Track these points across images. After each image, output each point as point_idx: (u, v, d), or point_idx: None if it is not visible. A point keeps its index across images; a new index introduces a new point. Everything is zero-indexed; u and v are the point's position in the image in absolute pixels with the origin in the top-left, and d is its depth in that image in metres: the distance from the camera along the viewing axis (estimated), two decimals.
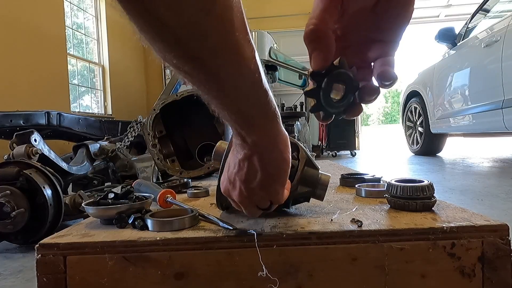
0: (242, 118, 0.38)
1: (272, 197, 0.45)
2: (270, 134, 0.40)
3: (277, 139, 0.41)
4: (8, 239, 1.29)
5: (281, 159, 0.42)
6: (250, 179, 0.43)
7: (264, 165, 0.41)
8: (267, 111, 0.38)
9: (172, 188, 0.77)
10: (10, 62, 3.77)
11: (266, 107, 0.38)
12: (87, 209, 0.57)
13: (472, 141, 6.20)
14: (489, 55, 2.98)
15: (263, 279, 0.46)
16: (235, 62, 0.34)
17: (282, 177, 0.44)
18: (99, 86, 5.91)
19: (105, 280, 0.46)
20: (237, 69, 0.34)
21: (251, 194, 0.44)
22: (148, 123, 1.38)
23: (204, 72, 0.34)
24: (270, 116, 0.39)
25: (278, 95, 6.50)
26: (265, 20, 6.77)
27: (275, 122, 0.40)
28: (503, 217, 1.45)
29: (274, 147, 0.41)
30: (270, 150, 0.41)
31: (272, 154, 0.41)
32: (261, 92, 0.37)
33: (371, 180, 0.81)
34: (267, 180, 0.43)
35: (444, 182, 2.39)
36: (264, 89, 0.37)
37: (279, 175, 0.43)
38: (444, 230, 0.46)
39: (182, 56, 0.32)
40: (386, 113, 51.25)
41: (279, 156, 0.42)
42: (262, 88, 0.37)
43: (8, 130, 2.08)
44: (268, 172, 0.42)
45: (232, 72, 0.34)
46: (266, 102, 0.38)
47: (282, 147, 0.42)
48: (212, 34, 0.31)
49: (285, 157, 0.42)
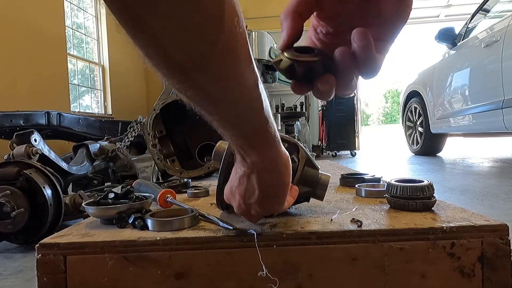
0: (242, 141, 0.39)
1: (269, 213, 0.47)
2: (269, 157, 0.41)
3: (276, 161, 0.42)
4: (8, 239, 1.29)
5: (279, 181, 0.44)
6: (248, 196, 0.45)
7: (262, 185, 0.43)
8: (267, 136, 0.39)
9: (172, 188, 0.77)
10: (10, 62, 3.77)
11: (266, 133, 0.39)
12: (87, 209, 0.57)
13: (472, 141, 6.20)
14: (489, 55, 2.98)
15: (263, 279, 0.46)
16: (237, 91, 0.34)
17: (280, 198, 0.45)
18: (99, 86, 5.91)
19: (105, 280, 0.46)
20: (238, 98, 0.35)
21: (249, 208, 0.46)
22: (148, 123, 1.38)
23: (207, 99, 0.34)
24: (270, 140, 0.40)
25: (278, 95, 6.49)
26: (265, 20, 6.77)
27: (275, 146, 0.41)
28: (503, 217, 1.45)
29: (273, 169, 0.42)
30: (269, 171, 0.42)
31: (270, 175, 0.43)
32: (261, 119, 0.38)
33: (371, 180, 0.81)
34: (264, 199, 0.44)
35: (444, 182, 2.39)
36: (265, 117, 0.38)
37: (277, 195, 0.45)
38: (444, 230, 0.46)
39: (186, 83, 0.32)
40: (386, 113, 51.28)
41: (278, 178, 0.43)
42: (263, 115, 0.37)
43: (8, 130, 2.08)
44: (265, 192, 0.44)
45: (234, 100, 0.35)
46: (266, 128, 0.39)
47: (282, 170, 0.43)
48: (217, 65, 0.31)
49: (284, 179, 0.44)
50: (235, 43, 0.31)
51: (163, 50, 0.29)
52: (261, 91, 0.36)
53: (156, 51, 0.30)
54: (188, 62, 0.30)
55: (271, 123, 0.39)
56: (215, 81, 0.32)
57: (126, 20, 0.28)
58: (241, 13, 0.31)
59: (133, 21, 0.28)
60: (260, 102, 0.37)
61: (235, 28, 0.30)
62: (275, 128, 0.40)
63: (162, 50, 0.29)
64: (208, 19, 0.28)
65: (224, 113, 0.36)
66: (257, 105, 0.36)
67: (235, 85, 0.34)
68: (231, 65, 0.32)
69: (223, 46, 0.30)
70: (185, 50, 0.29)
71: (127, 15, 0.27)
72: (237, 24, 0.30)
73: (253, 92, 0.35)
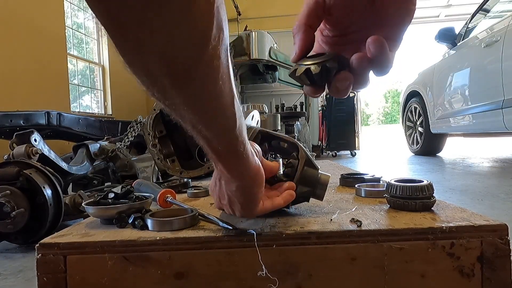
0: (211, 151, 0.40)
1: (241, 215, 0.49)
2: (235, 169, 0.42)
3: (243, 175, 0.43)
4: (8, 239, 1.29)
5: (245, 191, 0.45)
6: (222, 197, 0.49)
7: (228, 191, 0.46)
8: (235, 152, 0.40)
9: (172, 188, 0.78)
10: (10, 62, 3.77)
11: (235, 149, 0.40)
12: (87, 209, 0.58)
13: (472, 141, 6.20)
14: (489, 55, 2.98)
15: (262, 279, 0.46)
16: (212, 108, 0.35)
17: (248, 205, 0.47)
18: (99, 86, 5.91)
19: (105, 280, 0.46)
20: (212, 114, 0.35)
21: (224, 208, 0.51)
22: (148, 123, 1.38)
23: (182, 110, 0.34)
24: (238, 155, 0.41)
25: (278, 95, 6.50)
26: (265, 20, 6.77)
27: (242, 160, 0.42)
28: (503, 217, 1.45)
29: (239, 180, 0.44)
30: (234, 182, 0.44)
31: (235, 185, 0.44)
32: (232, 136, 0.38)
33: (371, 180, 0.81)
34: (233, 203, 0.47)
35: (444, 182, 2.39)
36: (236, 135, 0.38)
37: (244, 203, 0.47)
38: (443, 230, 0.46)
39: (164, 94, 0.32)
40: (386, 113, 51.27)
41: (243, 189, 0.45)
42: (234, 133, 0.38)
43: (8, 130, 2.08)
44: (232, 198, 0.46)
45: (208, 116, 0.35)
46: (235, 145, 0.39)
47: (248, 182, 0.44)
48: (198, 81, 0.31)
49: (251, 191, 0.45)
50: (218, 60, 0.31)
51: (145, 61, 0.29)
52: (236, 109, 0.37)
53: (138, 61, 0.29)
54: (170, 76, 0.30)
55: (242, 140, 0.40)
56: (194, 96, 0.32)
57: (109, 27, 0.26)
58: (227, 28, 0.31)
59: (117, 30, 0.26)
60: (233, 120, 0.37)
61: (220, 44, 0.30)
62: (245, 143, 0.41)
63: (144, 61, 0.29)
64: (195, 34, 0.28)
65: (196, 124, 0.36)
66: (230, 123, 0.37)
67: (212, 102, 0.34)
68: (211, 82, 0.32)
69: (206, 62, 0.30)
70: (168, 64, 0.29)
71: (110, 23, 0.26)
72: (222, 40, 0.30)
73: (228, 110, 0.36)
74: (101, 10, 0.25)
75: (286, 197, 0.52)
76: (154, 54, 0.28)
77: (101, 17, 0.25)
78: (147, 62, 0.29)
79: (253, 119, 1.49)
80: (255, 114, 1.51)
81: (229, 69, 0.34)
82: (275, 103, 5.72)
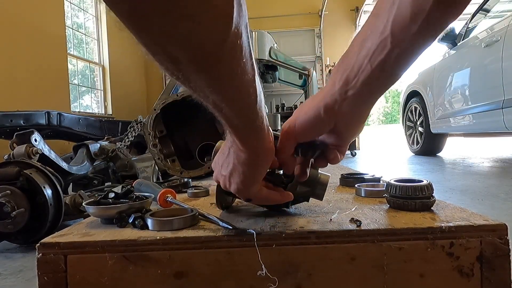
0: (230, 125, 0.40)
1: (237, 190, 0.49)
2: (249, 144, 0.43)
3: (256, 148, 0.43)
4: (9, 239, 1.29)
5: (252, 165, 0.45)
6: (225, 166, 0.48)
7: (235, 160, 0.45)
8: (253, 128, 0.41)
9: (172, 188, 0.78)
10: (10, 62, 3.77)
11: (253, 125, 0.40)
12: (88, 209, 0.58)
13: (472, 141, 6.20)
14: (489, 55, 2.98)
15: (262, 278, 0.46)
16: (237, 86, 0.35)
17: (248, 182, 0.47)
18: (99, 86, 5.91)
19: (105, 279, 0.47)
20: (236, 91, 0.35)
21: (221, 178, 0.50)
22: (149, 123, 1.38)
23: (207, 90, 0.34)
24: (255, 131, 0.41)
25: (278, 95, 6.50)
26: (265, 20, 6.77)
27: (258, 137, 0.42)
28: (503, 217, 1.46)
29: (251, 152, 0.43)
30: (247, 153, 0.44)
31: (245, 157, 0.44)
32: (253, 113, 0.39)
33: (371, 180, 0.81)
34: (235, 173, 0.47)
35: (444, 182, 2.39)
36: (256, 111, 0.39)
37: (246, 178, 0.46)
38: (442, 229, 0.46)
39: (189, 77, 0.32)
40: (386, 113, 51.24)
41: (252, 162, 0.45)
42: (255, 110, 0.39)
43: (8, 130, 2.09)
44: (236, 168, 0.46)
45: (232, 93, 0.35)
46: (255, 121, 0.40)
47: (260, 157, 0.44)
48: (223, 62, 0.31)
49: (258, 166, 0.45)
50: (241, 38, 0.31)
51: (170, 50, 0.28)
52: (257, 85, 0.37)
53: (162, 50, 0.29)
54: (195, 61, 0.30)
55: (261, 115, 0.40)
56: (219, 77, 0.33)
57: (131, 21, 0.26)
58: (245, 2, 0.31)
59: (141, 22, 0.26)
60: (255, 97, 0.37)
61: (241, 22, 0.30)
62: (264, 118, 0.41)
63: (169, 50, 0.28)
64: (219, 17, 0.27)
65: (220, 103, 0.36)
66: (252, 99, 0.37)
67: (236, 81, 0.34)
68: (236, 61, 0.32)
69: (231, 43, 0.30)
70: (194, 50, 0.29)
71: (132, 16, 0.26)
72: (242, 17, 0.30)
73: (250, 87, 0.36)
74: (125, 8, 0.25)
75: (283, 195, 0.52)
76: (180, 42, 0.28)
77: (121, 11, 0.25)
78: (172, 51, 0.28)
79: None
80: None
81: (250, 46, 0.34)
82: (275, 103, 5.72)
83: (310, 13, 6.97)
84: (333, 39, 6.99)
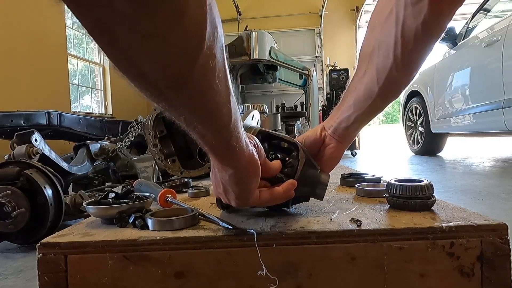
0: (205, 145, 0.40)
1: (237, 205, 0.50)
2: (227, 163, 0.43)
3: (235, 165, 0.44)
4: (9, 239, 1.29)
5: (239, 181, 0.46)
6: (217, 184, 0.50)
7: (223, 180, 0.47)
8: (228, 147, 0.41)
9: (173, 188, 0.78)
10: (10, 62, 3.77)
11: (228, 145, 0.40)
12: (88, 209, 0.58)
13: (473, 141, 6.19)
14: (490, 54, 2.98)
15: (262, 278, 0.46)
16: (208, 107, 0.34)
17: (242, 196, 0.48)
18: (100, 86, 5.91)
19: (106, 279, 0.47)
20: (208, 112, 0.35)
21: (220, 196, 0.52)
22: (149, 123, 1.38)
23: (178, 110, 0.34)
24: (231, 150, 0.41)
25: (279, 95, 6.50)
26: (265, 20, 6.77)
27: (236, 155, 0.42)
28: (503, 217, 1.45)
29: (232, 170, 0.44)
30: (226, 172, 0.44)
31: (227, 176, 0.45)
32: (227, 133, 0.39)
33: (371, 179, 0.81)
34: (227, 191, 0.48)
35: (444, 182, 2.39)
36: (230, 131, 0.39)
37: (237, 193, 0.47)
38: (443, 229, 0.46)
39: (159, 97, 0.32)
40: (387, 113, 51.23)
41: (237, 179, 0.45)
42: (229, 129, 0.39)
43: (8, 130, 2.09)
44: (226, 186, 0.48)
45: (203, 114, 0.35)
46: (229, 141, 0.40)
47: (242, 172, 0.45)
48: (193, 83, 0.30)
49: (245, 180, 0.46)
50: (214, 59, 0.30)
51: (138, 67, 0.28)
52: (231, 105, 0.37)
53: (130, 67, 0.28)
54: (165, 79, 0.29)
55: (236, 134, 0.40)
56: (190, 97, 0.32)
57: (97, 35, 0.25)
58: (221, 25, 0.30)
59: (106, 37, 0.25)
60: (229, 117, 0.37)
61: (215, 43, 0.29)
62: (240, 136, 0.41)
63: (137, 67, 0.28)
64: (189, 37, 0.27)
65: (192, 122, 0.36)
66: (226, 119, 0.37)
67: (209, 101, 0.34)
68: (208, 82, 0.31)
69: (201, 64, 0.29)
70: (162, 69, 0.28)
71: (99, 31, 0.25)
72: (216, 39, 0.29)
73: (224, 107, 0.36)
74: (88, 18, 0.23)
75: (287, 186, 0.52)
76: (147, 59, 0.27)
77: (88, 25, 0.24)
78: (140, 67, 0.28)
79: (253, 119, 1.49)
80: (255, 114, 1.51)
81: (225, 67, 0.33)
82: (276, 103, 5.71)
83: (310, 13, 6.97)
84: (333, 39, 7.00)
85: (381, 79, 0.54)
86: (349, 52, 7.01)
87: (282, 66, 5.24)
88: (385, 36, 0.52)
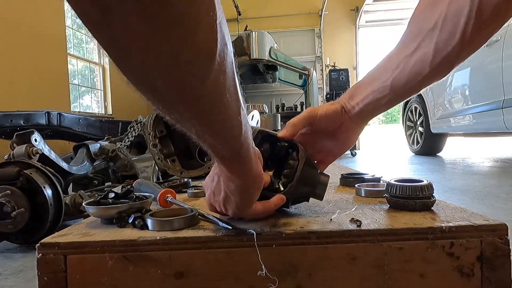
0: (215, 155, 0.41)
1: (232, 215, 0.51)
2: (237, 172, 0.44)
3: (245, 176, 0.45)
4: (9, 239, 1.29)
5: (244, 192, 0.46)
6: (217, 193, 0.50)
7: (226, 189, 0.47)
8: (238, 158, 0.42)
9: (173, 188, 0.78)
10: (10, 62, 3.77)
11: (239, 155, 0.41)
12: (88, 209, 0.58)
13: (473, 141, 6.20)
14: (490, 54, 2.98)
15: (262, 278, 0.46)
16: (220, 120, 0.35)
17: (242, 205, 0.48)
18: (100, 86, 5.91)
19: (105, 279, 0.46)
20: (220, 125, 0.36)
21: (215, 204, 0.51)
22: (149, 123, 1.38)
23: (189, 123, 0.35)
24: (241, 161, 0.42)
25: (279, 95, 6.50)
26: (265, 20, 6.77)
27: (245, 165, 0.43)
28: (503, 217, 1.45)
29: (240, 181, 0.45)
30: (233, 182, 0.45)
31: (234, 185, 0.45)
32: (237, 144, 0.40)
33: (371, 180, 0.81)
34: (227, 201, 0.49)
35: (444, 182, 2.39)
36: (241, 142, 0.39)
37: (239, 203, 0.48)
38: (443, 229, 0.46)
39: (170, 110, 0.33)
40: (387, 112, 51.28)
41: (243, 190, 0.46)
42: (239, 141, 0.39)
43: (8, 130, 2.08)
44: (228, 196, 0.48)
45: (215, 127, 0.36)
46: (240, 152, 0.41)
47: (250, 184, 0.46)
48: (204, 99, 0.31)
49: (250, 191, 0.47)
50: (224, 75, 0.31)
51: (150, 83, 0.28)
52: (242, 118, 0.37)
53: (143, 82, 0.29)
54: (176, 94, 0.30)
55: (247, 146, 0.41)
56: (201, 111, 0.33)
57: (113, 53, 0.26)
58: (231, 42, 0.31)
59: (121, 55, 0.26)
60: (239, 129, 0.38)
61: (225, 59, 0.30)
62: (250, 148, 0.42)
63: (149, 83, 0.28)
64: (201, 53, 0.27)
65: (203, 134, 0.37)
66: (236, 131, 0.38)
67: (219, 115, 0.34)
68: (219, 96, 0.32)
69: (213, 79, 0.30)
70: (174, 85, 0.29)
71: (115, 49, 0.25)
72: (226, 55, 0.30)
73: (234, 120, 0.36)
74: (105, 37, 0.24)
75: (277, 201, 0.53)
76: (160, 75, 0.27)
77: (104, 43, 0.25)
78: (153, 83, 0.28)
79: (253, 119, 1.49)
80: (255, 114, 1.51)
81: (235, 81, 0.34)
82: (275, 103, 5.72)
83: (310, 13, 6.97)
84: (333, 39, 6.99)
85: (437, 59, 0.49)
86: (349, 52, 7.01)
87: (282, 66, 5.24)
88: (455, 11, 0.47)
